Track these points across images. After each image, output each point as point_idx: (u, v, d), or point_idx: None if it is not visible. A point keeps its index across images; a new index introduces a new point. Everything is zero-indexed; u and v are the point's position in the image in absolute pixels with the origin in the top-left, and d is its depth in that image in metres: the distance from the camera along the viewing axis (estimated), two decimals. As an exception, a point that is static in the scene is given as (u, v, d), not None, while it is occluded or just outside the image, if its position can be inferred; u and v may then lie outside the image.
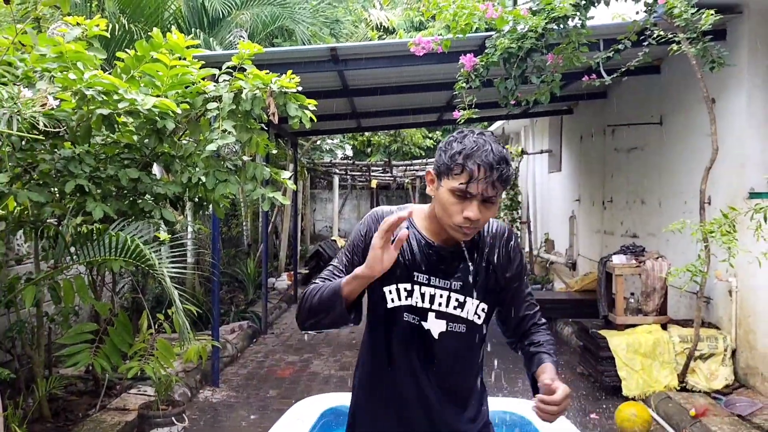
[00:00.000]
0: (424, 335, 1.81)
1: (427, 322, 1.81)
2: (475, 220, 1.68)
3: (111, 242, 3.37)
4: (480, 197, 1.67)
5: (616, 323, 5.81)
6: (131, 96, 3.53)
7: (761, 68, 5.29)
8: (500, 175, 1.68)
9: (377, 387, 1.89)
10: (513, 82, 4.84)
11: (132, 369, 3.95)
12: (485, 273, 1.85)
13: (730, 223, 3.71)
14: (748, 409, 4.70)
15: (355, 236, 1.87)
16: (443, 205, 1.71)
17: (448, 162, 1.69)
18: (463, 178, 1.66)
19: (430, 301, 1.80)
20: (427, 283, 1.81)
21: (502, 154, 1.69)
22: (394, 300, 1.81)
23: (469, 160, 1.66)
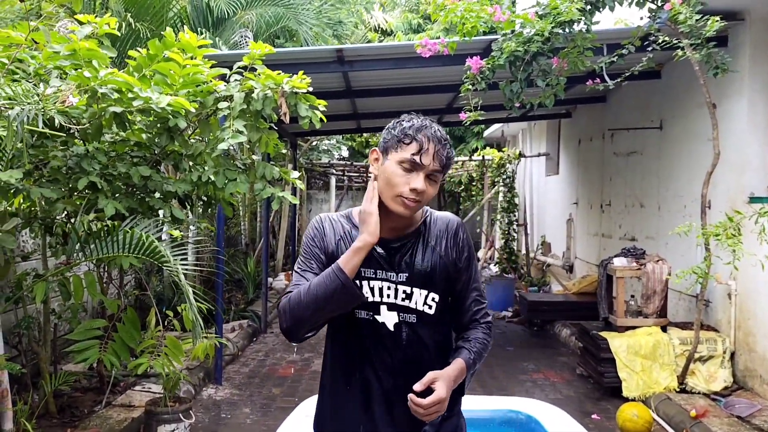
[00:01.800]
0: (378, 329, 1.84)
1: (380, 315, 1.84)
2: (421, 192, 1.74)
3: (125, 239, 3.39)
4: (427, 171, 1.75)
5: (617, 325, 5.87)
6: (146, 94, 3.56)
7: (762, 74, 5.37)
8: (447, 153, 1.79)
9: (340, 385, 1.90)
10: (519, 85, 4.89)
11: (142, 365, 3.97)
12: (432, 263, 1.86)
13: (735, 226, 3.76)
14: (747, 411, 4.77)
15: (306, 244, 1.91)
16: (388, 177, 1.77)
17: (398, 135, 1.78)
18: (413, 148, 1.75)
19: (380, 295, 1.83)
20: (374, 277, 1.83)
21: (445, 135, 1.82)
22: None
23: (419, 133, 1.76)
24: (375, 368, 1.85)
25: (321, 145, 15.43)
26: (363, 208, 1.77)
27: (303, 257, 1.89)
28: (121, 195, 4.03)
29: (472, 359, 1.87)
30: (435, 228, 1.92)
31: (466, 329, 1.95)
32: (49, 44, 3.75)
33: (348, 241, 1.85)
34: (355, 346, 1.87)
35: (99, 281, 4.49)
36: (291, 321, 1.76)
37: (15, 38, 3.57)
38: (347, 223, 1.91)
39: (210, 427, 4.72)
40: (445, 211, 1.98)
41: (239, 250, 10.93)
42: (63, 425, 4.30)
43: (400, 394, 1.79)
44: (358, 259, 1.74)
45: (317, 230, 1.91)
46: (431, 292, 1.86)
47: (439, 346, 1.91)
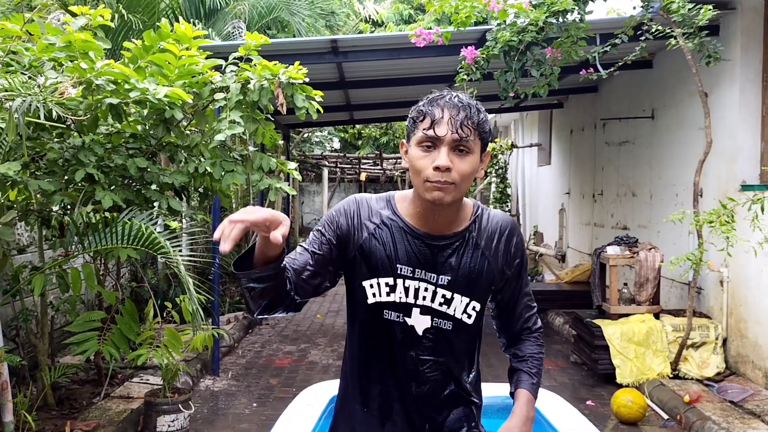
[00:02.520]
0: (407, 332, 1.67)
1: (411, 318, 1.66)
2: (445, 168, 1.50)
3: (124, 230, 3.40)
4: (448, 142, 1.51)
5: (610, 313, 5.93)
6: (143, 85, 3.56)
7: (753, 63, 5.41)
8: (468, 116, 1.53)
9: (360, 385, 1.75)
10: (513, 74, 4.92)
11: (141, 356, 3.98)
12: (479, 268, 1.67)
13: (729, 213, 3.81)
14: (739, 396, 4.84)
15: (329, 216, 1.70)
16: (413, 164, 1.56)
17: (413, 115, 1.58)
18: (426, 123, 1.53)
19: (414, 296, 1.65)
20: (411, 276, 1.64)
21: (470, 101, 1.57)
22: (375, 295, 1.66)
23: (431, 105, 1.55)
24: (398, 375, 1.70)
25: (313, 137, 15.42)
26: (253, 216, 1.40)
27: (315, 229, 1.71)
28: (118, 187, 4.03)
29: (536, 384, 1.75)
30: (487, 228, 1.70)
31: (518, 339, 1.83)
32: (45, 36, 3.75)
33: (384, 232, 1.65)
34: (375, 344, 1.71)
35: (96, 273, 4.50)
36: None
37: (11, 30, 3.56)
38: (387, 209, 1.68)
39: (209, 418, 4.74)
40: (498, 211, 1.77)
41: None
42: (62, 417, 4.30)
43: (421, 403, 1.69)
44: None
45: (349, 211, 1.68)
46: (473, 300, 1.67)
47: (468, 353, 1.76)
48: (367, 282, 1.65)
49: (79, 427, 4.09)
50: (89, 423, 4.15)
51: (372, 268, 1.64)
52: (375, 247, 1.64)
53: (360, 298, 1.68)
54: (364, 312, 1.68)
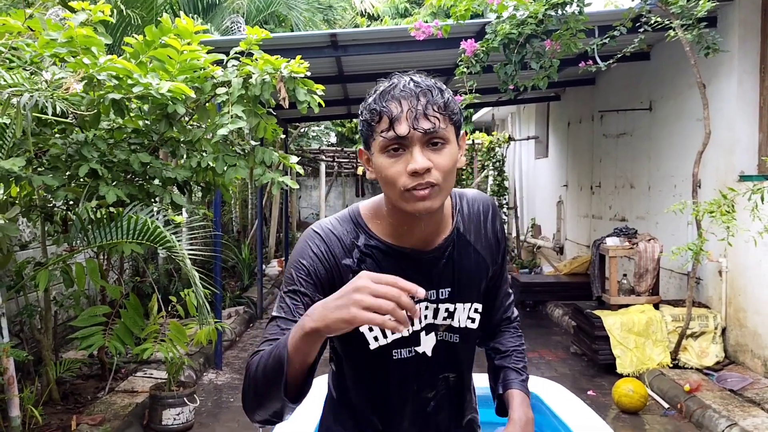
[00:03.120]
0: (420, 360, 1.45)
1: (421, 345, 1.44)
2: (423, 170, 1.24)
3: (129, 225, 3.41)
4: (418, 139, 1.24)
5: (610, 303, 5.97)
6: (146, 80, 3.56)
7: (751, 54, 5.44)
8: (431, 101, 1.25)
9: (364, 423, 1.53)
10: (513, 67, 4.94)
11: (147, 350, 4.00)
12: (477, 267, 1.48)
13: (729, 203, 3.85)
14: (739, 384, 4.88)
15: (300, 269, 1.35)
16: (383, 174, 1.28)
17: (366, 117, 1.29)
18: (384, 124, 1.25)
19: (419, 321, 1.43)
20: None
21: (429, 82, 1.30)
22: (378, 338, 1.41)
23: (384, 100, 1.26)
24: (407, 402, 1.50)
25: (310, 132, 15.42)
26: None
27: (284, 291, 1.35)
28: (120, 182, 4.04)
29: (525, 380, 1.59)
30: (471, 217, 1.49)
31: (497, 332, 1.66)
32: (46, 31, 3.74)
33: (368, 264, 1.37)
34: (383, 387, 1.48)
35: (99, 268, 4.51)
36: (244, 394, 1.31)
37: (13, 26, 3.56)
38: (360, 233, 1.40)
39: (213, 411, 4.77)
40: (470, 190, 1.53)
41: (231, 236, 10.94)
42: (68, 412, 4.33)
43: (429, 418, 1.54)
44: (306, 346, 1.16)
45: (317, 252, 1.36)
46: (474, 303, 1.49)
47: (471, 359, 1.60)
48: (364, 327, 1.37)
49: (85, 421, 4.11)
50: (95, 417, 4.18)
51: None
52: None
53: (356, 346, 1.42)
54: (365, 360, 1.44)
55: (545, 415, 3.74)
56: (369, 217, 1.41)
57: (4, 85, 2.97)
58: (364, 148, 1.35)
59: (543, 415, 3.77)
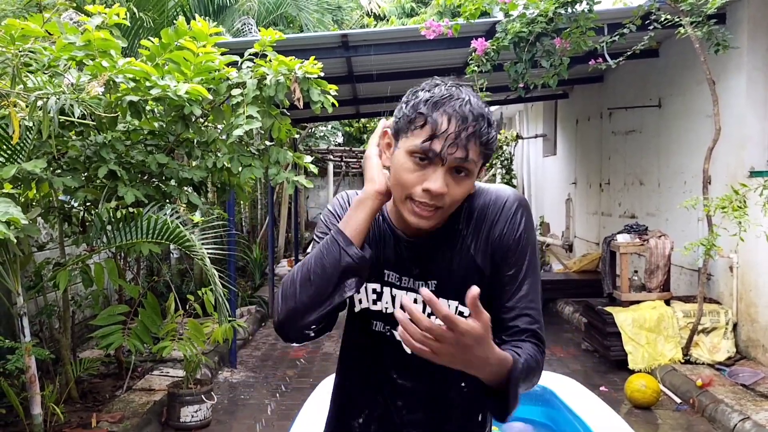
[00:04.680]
0: (396, 346, 1.41)
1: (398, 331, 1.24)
2: (437, 194, 1.24)
3: (149, 225, 3.47)
4: (448, 162, 1.24)
5: (621, 300, 6.00)
6: (164, 82, 3.62)
7: (760, 50, 5.46)
8: (477, 133, 1.24)
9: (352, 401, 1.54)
10: (523, 65, 4.98)
11: (166, 348, 4.06)
12: (466, 265, 1.38)
13: (741, 198, 3.87)
14: (751, 379, 4.91)
15: (322, 221, 1.48)
16: (397, 172, 1.28)
17: (409, 113, 1.28)
18: (425, 133, 1.24)
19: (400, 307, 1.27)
20: (397, 285, 1.41)
21: (482, 110, 1.27)
22: (362, 301, 1.45)
23: (436, 109, 1.24)
24: (394, 395, 1.47)
25: (317, 132, 15.47)
26: (366, 153, 1.37)
27: (315, 237, 1.46)
28: (137, 183, 4.10)
29: (523, 365, 1.26)
30: (477, 215, 1.39)
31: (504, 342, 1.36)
32: (64, 35, 3.81)
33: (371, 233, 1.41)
34: (371, 365, 1.49)
35: (117, 268, 4.58)
36: (284, 310, 1.33)
37: (32, 30, 3.62)
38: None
39: (229, 409, 4.82)
40: (497, 187, 1.43)
41: (242, 237, 11.01)
42: (87, 410, 4.39)
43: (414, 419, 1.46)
44: (362, 216, 1.30)
45: (340, 206, 1.47)
46: (459, 304, 1.39)
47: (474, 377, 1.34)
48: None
49: (105, 419, 4.17)
50: (114, 414, 4.24)
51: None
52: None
53: (349, 305, 1.47)
54: (352, 322, 1.50)
55: (560, 410, 3.78)
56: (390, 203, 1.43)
57: (32, 88, 3.03)
58: (392, 133, 1.34)
59: (558, 411, 3.81)
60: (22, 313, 3.79)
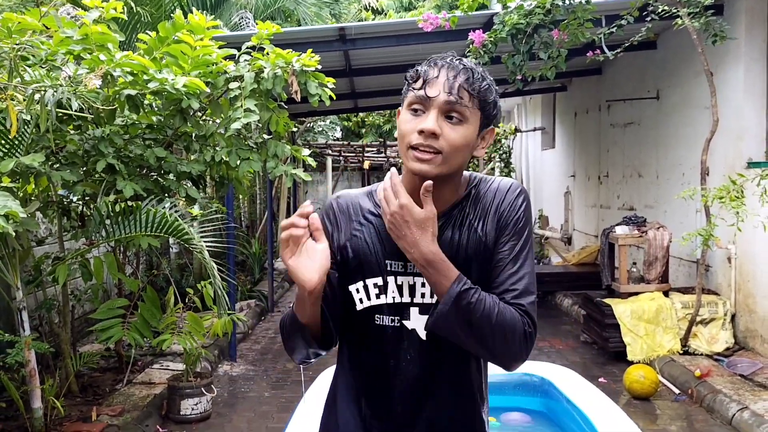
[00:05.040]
0: (408, 338, 1.42)
1: (410, 320, 1.41)
2: (430, 133, 1.30)
3: (147, 218, 3.47)
4: (438, 105, 1.32)
5: (620, 292, 6.02)
6: (162, 76, 3.62)
7: (758, 41, 5.46)
8: (468, 80, 1.33)
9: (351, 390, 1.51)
10: (521, 57, 4.98)
11: (166, 341, 4.07)
12: (472, 248, 1.41)
13: (738, 189, 3.88)
14: (749, 369, 4.93)
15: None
16: (399, 128, 1.38)
17: (408, 75, 1.39)
18: (419, 83, 1.34)
19: (410, 294, 1.41)
20: (403, 272, 1.41)
21: (476, 67, 1.38)
22: (362, 300, 1.44)
23: (428, 64, 1.36)
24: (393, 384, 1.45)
25: (316, 127, 15.47)
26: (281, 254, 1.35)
27: None
28: (136, 176, 4.10)
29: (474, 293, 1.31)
30: (483, 200, 1.44)
31: None
32: (62, 29, 3.80)
33: (369, 229, 1.45)
34: (368, 358, 1.47)
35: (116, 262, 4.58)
36: (284, 344, 1.47)
37: (30, 24, 3.61)
38: (369, 202, 1.48)
39: (230, 401, 4.84)
40: (504, 179, 1.48)
41: (240, 232, 11.02)
42: (87, 403, 4.41)
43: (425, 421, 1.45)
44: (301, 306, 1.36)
45: (329, 210, 1.50)
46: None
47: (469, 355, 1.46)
48: (353, 286, 1.44)
49: (105, 413, 4.19)
50: (115, 408, 4.25)
51: (357, 269, 1.43)
52: (358, 246, 1.44)
53: (348, 306, 1.46)
54: (353, 322, 1.47)
55: (559, 401, 3.80)
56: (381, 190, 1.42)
57: (29, 81, 3.03)
58: (401, 107, 1.41)
59: (557, 401, 3.83)
60: (21, 308, 3.80)
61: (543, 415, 3.90)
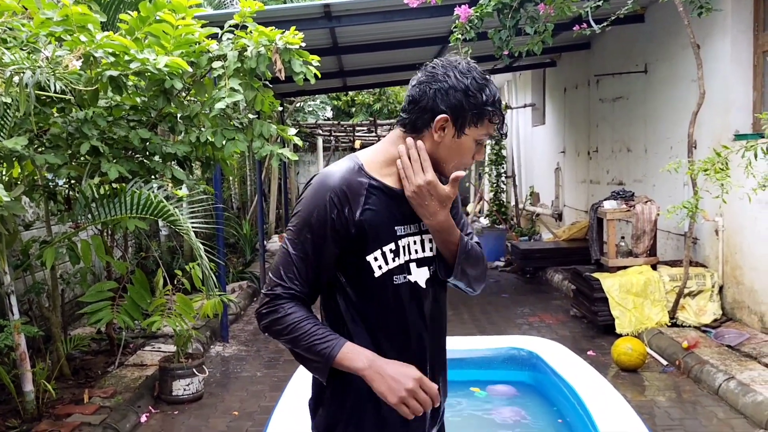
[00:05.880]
0: (413, 290, 1.60)
1: (412, 275, 1.60)
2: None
3: (132, 200, 3.46)
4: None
5: (609, 266, 6.05)
6: (143, 56, 3.59)
7: (744, 13, 5.44)
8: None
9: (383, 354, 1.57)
10: (507, 32, 4.95)
11: (155, 323, 4.08)
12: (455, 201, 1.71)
13: (723, 161, 3.89)
14: (736, 340, 4.98)
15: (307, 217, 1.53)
16: (462, 154, 1.57)
17: (482, 109, 1.53)
18: (493, 126, 1.57)
19: (408, 252, 1.60)
20: (405, 234, 1.59)
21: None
22: (381, 267, 1.56)
23: (497, 108, 1.56)
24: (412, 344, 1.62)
25: (306, 107, 15.38)
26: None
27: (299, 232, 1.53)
28: (121, 159, 4.08)
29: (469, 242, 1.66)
30: None
31: None
32: (42, 10, 3.75)
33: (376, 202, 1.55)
34: (385, 317, 1.59)
35: (104, 245, 4.57)
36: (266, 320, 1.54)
37: (8, 5, 3.57)
38: (362, 177, 1.56)
39: (222, 381, 4.87)
40: None
41: (232, 213, 11.00)
42: (79, 386, 4.42)
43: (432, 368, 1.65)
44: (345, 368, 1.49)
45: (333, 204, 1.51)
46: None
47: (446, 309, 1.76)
48: (371, 256, 1.55)
49: (97, 395, 4.20)
50: (107, 390, 4.27)
51: (375, 239, 1.54)
52: (373, 218, 1.54)
53: (361, 274, 1.56)
54: (368, 288, 1.57)
55: (546, 374, 3.84)
56: (369, 166, 1.58)
57: (7, 63, 2.99)
58: (453, 120, 1.54)
59: (545, 374, 3.87)
60: (9, 292, 3.80)
61: (531, 387, 3.95)
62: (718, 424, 3.90)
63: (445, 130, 1.54)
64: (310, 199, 1.53)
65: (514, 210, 12.08)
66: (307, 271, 1.53)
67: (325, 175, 1.55)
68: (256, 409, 4.32)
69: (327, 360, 1.48)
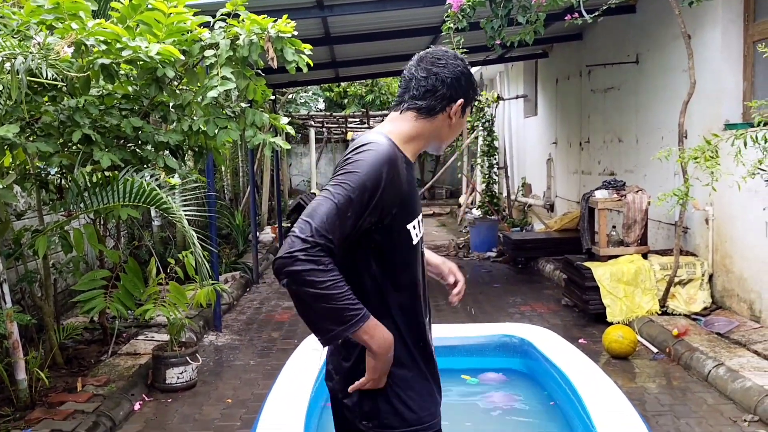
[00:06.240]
0: (422, 255, 1.81)
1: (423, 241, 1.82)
2: None
3: (125, 188, 3.46)
4: None
5: (600, 255, 6.09)
6: (135, 44, 3.58)
7: (735, 3, 5.47)
8: None
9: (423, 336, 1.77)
10: (499, 21, 4.96)
11: (148, 311, 4.09)
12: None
13: (712, 149, 3.93)
14: (726, 328, 5.03)
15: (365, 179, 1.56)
16: (458, 131, 1.82)
17: (475, 92, 1.80)
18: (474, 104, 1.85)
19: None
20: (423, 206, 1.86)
21: None
22: (418, 234, 1.73)
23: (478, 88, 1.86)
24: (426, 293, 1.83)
25: (298, 98, 15.35)
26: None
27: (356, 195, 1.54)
28: (113, 147, 4.07)
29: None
30: None
31: None
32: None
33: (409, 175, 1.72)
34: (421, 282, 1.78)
35: (97, 234, 4.57)
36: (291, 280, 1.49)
37: (-4, -7, 3.55)
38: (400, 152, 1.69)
39: (215, 370, 4.88)
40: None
41: (224, 205, 10.99)
42: (72, 375, 4.43)
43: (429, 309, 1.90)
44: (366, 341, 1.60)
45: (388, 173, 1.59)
46: None
47: None
48: (410, 224, 1.68)
49: (91, 383, 4.21)
50: (100, 378, 4.28)
51: (413, 208, 1.69)
52: (411, 188, 1.70)
53: (404, 242, 1.68)
54: (408, 255, 1.70)
55: (538, 361, 3.88)
56: (403, 145, 1.71)
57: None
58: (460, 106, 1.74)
59: (536, 361, 3.91)
60: (1, 281, 3.79)
61: (522, 374, 3.99)
62: (707, 410, 3.95)
63: (456, 115, 1.74)
64: (370, 163, 1.58)
65: (506, 201, 12.12)
66: (347, 231, 1.54)
67: (379, 144, 1.64)
68: (250, 397, 4.34)
69: (362, 319, 1.53)
